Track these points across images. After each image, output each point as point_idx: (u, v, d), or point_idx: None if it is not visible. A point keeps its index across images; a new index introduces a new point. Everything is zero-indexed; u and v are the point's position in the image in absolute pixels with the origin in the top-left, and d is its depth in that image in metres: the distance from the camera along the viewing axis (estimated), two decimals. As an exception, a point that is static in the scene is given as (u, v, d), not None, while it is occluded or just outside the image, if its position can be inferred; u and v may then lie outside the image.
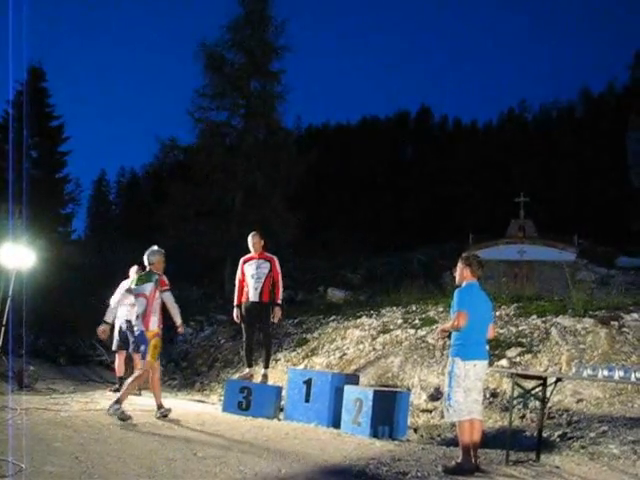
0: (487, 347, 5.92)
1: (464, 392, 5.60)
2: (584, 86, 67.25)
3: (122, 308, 10.23)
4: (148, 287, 7.47)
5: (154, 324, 7.37)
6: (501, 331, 10.41)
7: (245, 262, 9.00)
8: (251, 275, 8.85)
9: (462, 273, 5.90)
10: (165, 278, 7.59)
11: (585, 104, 61.74)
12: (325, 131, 65.62)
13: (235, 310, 8.97)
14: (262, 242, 9.05)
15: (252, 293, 8.79)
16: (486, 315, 5.87)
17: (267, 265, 8.90)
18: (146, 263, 7.70)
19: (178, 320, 7.72)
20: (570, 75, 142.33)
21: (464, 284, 5.86)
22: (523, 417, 8.06)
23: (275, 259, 8.99)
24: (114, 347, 10.33)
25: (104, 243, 32.49)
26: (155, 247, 7.81)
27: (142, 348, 7.44)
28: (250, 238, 9.04)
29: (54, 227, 26.47)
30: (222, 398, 8.98)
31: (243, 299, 8.88)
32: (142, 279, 7.58)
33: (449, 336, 5.97)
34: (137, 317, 7.48)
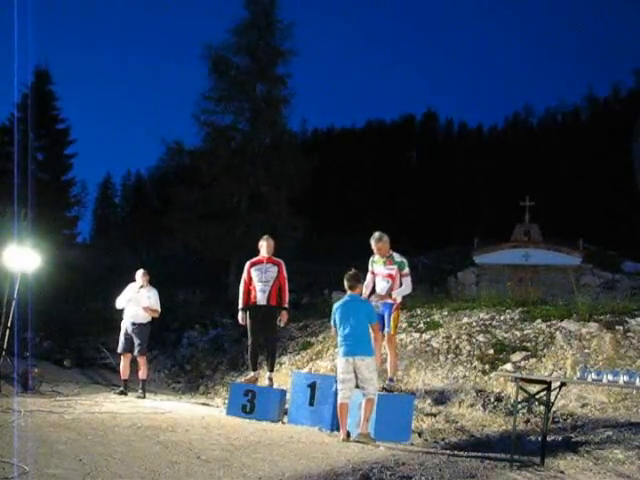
0: (368, 344, 7.25)
1: (341, 381, 7.11)
2: (589, 90, 67.32)
3: (129, 310, 10.27)
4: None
5: None
6: (505, 335, 10.40)
7: (252, 265, 8.99)
8: (259, 278, 8.85)
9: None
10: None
11: (590, 108, 61.67)
12: (330, 134, 65.65)
13: (240, 313, 8.96)
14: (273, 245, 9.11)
15: (260, 296, 8.79)
16: (358, 320, 7.22)
17: (275, 269, 8.91)
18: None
19: None
20: (575, 79, 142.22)
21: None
22: (527, 421, 8.05)
23: (282, 263, 9.01)
24: (119, 349, 10.35)
25: (109, 246, 32.60)
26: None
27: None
28: (264, 241, 9.05)
29: (59, 230, 26.51)
30: (226, 401, 8.98)
31: (250, 302, 8.88)
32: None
33: None
34: None
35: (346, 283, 7.51)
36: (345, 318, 7.27)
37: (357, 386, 7.13)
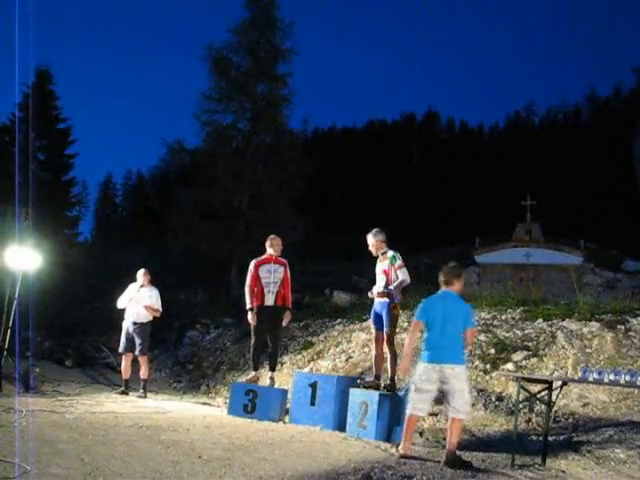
0: (460, 350, 6.23)
1: (417, 390, 6.19)
2: (590, 89, 67.28)
3: (130, 309, 10.28)
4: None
5: None
6: (507, 335, 10.38)
7: (259, 265, 8.96)
8: (267, 278, 8.82)
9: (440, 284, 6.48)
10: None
11: (591, 107, 61.66)
12: (332, 134, 65.67)
13: (250, 313, 8.84)
14: None
15: (268, 297, 8.78)
16: (453, 322, 6.20)
17: (282, 269, 8.90)
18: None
19: None
20: (576, 78, 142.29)
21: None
22: (529, 421, 8.03)
23: (287, 264, 9.01)
24: (120, 349, 10.36)
25: (110, 246, 32.61)
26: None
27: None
28: (273, 240, 9.04)
29: (60, 229, 26.48)
30: (228, 401, 8.98)
31: (257, 302, 8.83)
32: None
33: None
34: None
35: (441, 277, 6.46)
36: (437, 317, 6.22)
37: (441, 401, 6.33)
